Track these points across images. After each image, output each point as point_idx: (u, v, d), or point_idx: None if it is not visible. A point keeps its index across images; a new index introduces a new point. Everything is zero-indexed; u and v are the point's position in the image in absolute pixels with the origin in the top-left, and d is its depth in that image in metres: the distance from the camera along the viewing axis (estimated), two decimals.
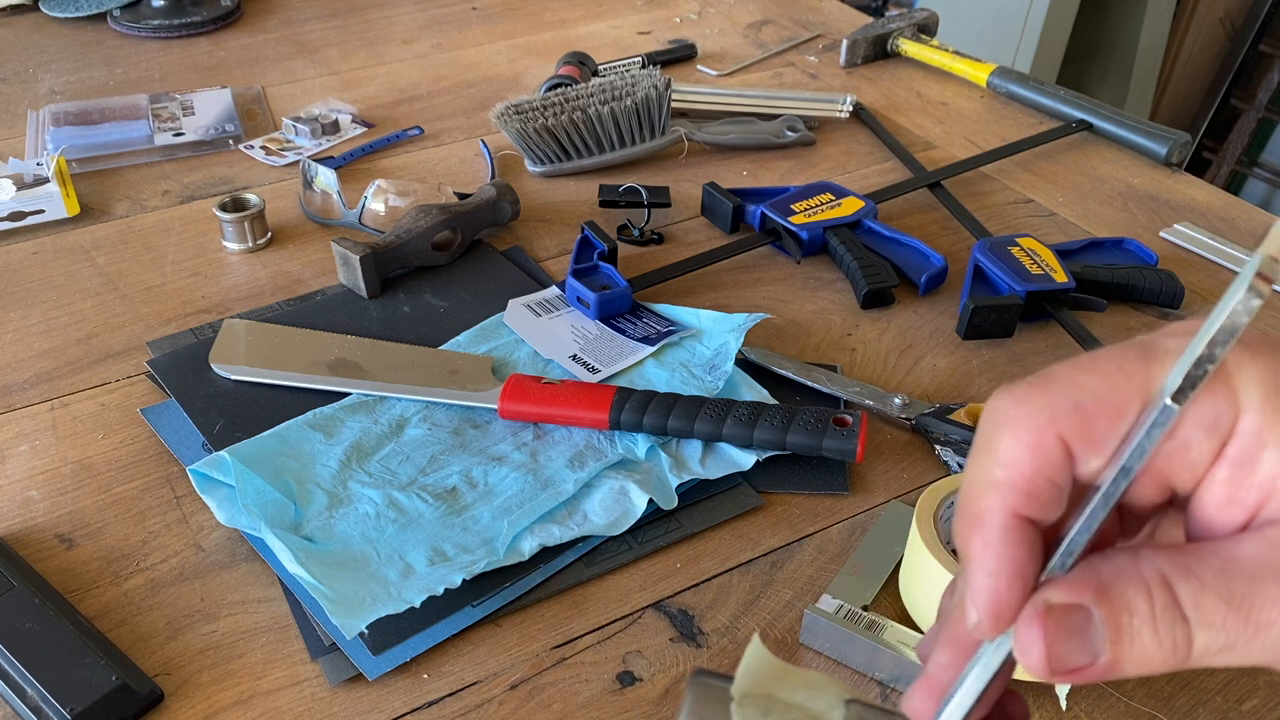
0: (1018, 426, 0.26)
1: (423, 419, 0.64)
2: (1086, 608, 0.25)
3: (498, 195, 0.82)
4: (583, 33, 1.23)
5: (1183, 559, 0.25)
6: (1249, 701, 0.50)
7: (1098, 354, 0.26)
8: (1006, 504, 0.26)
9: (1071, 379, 0.26)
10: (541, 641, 0.53)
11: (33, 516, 0.59)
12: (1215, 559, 0.24)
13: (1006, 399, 0.26)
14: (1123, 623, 0.24)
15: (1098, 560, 0.25)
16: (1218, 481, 0.25)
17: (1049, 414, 0.25)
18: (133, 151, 0.95)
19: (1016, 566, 0.26)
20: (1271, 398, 0.24)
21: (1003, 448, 0.26)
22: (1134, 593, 0.24)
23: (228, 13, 1.23)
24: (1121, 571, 0.25)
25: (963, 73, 1.13)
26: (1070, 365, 0.26)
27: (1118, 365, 0.26)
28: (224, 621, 0.53)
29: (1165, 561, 0.25)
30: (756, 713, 0.27)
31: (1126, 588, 0.24)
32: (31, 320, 0.74)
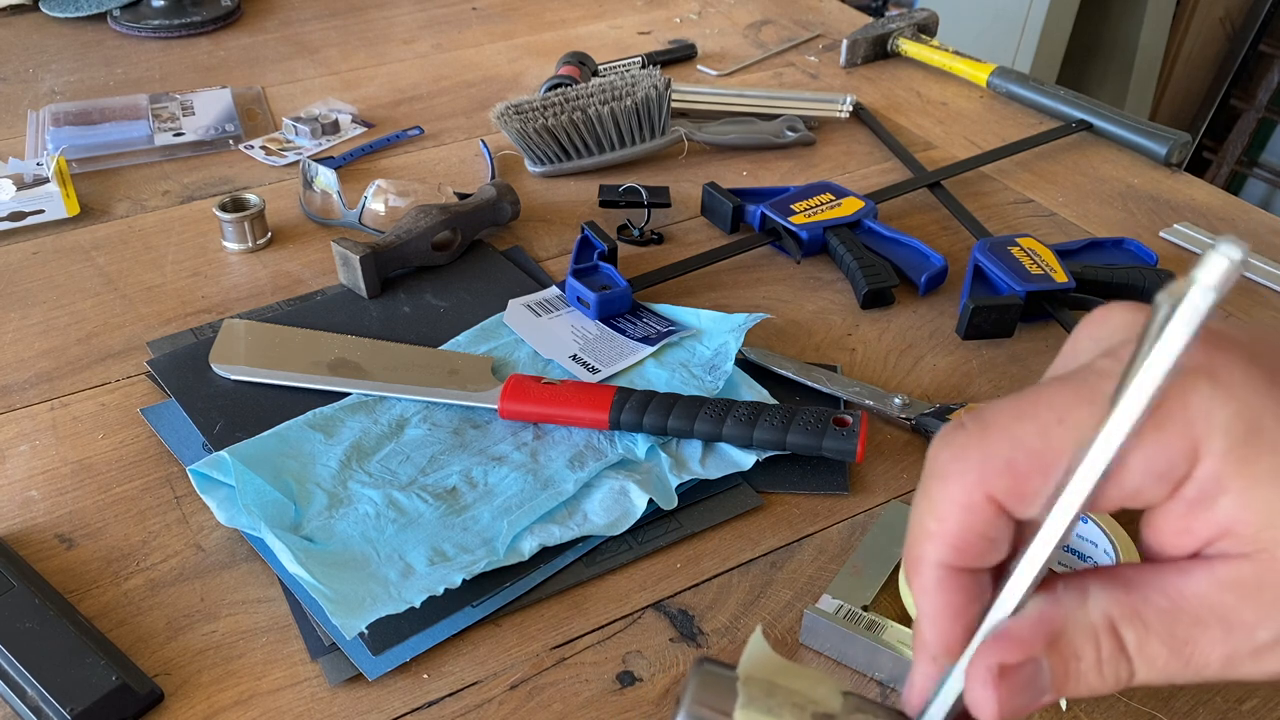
0: (950, 482, 0.26)
1: (423, 419, 0.64)
2: (1037, 660, 0.25)
3: (498, 195, 0.82)
4: (583, 33, 1.23)
5: (1129, 599, 0.25)
6: (1249, 702, 0.50)
7: (1040, 395, 0.26)
8: (938, 557, 0.27)
9: (1007, 430, 0.26)
10: (541, 641, 0.53)
11: (33, 516, 0.59)
12: (1162, 598, 0.25)
13: (944, 450, 0.27)
14: (1070, 669, 0.25)
15: (1046, 606, 0.26)
16: (1171, 514, 0.25)
17: (979, 473, 0.26)
18: (133, 151, 0.95)
19: (952, 610, 0.27)
20: (1237, 446, 0.24)
21: (936, 501, 0.27)
22: (1082, 641, 0.25)
23: (228, 13, 1.23)
24: (1070, 618, 0.26)
25: (963, 73, 1.13)
26: (1010, 410, 0.26)
27: (1056, 415, 0.25)
28: (224, 621, 0.53)
29: (1112, 603, 0.25)
30: (761, 693, 0.28)
31: (1075, 636, 0.25)
32: (31, 320, 0.74)
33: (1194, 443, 0.24)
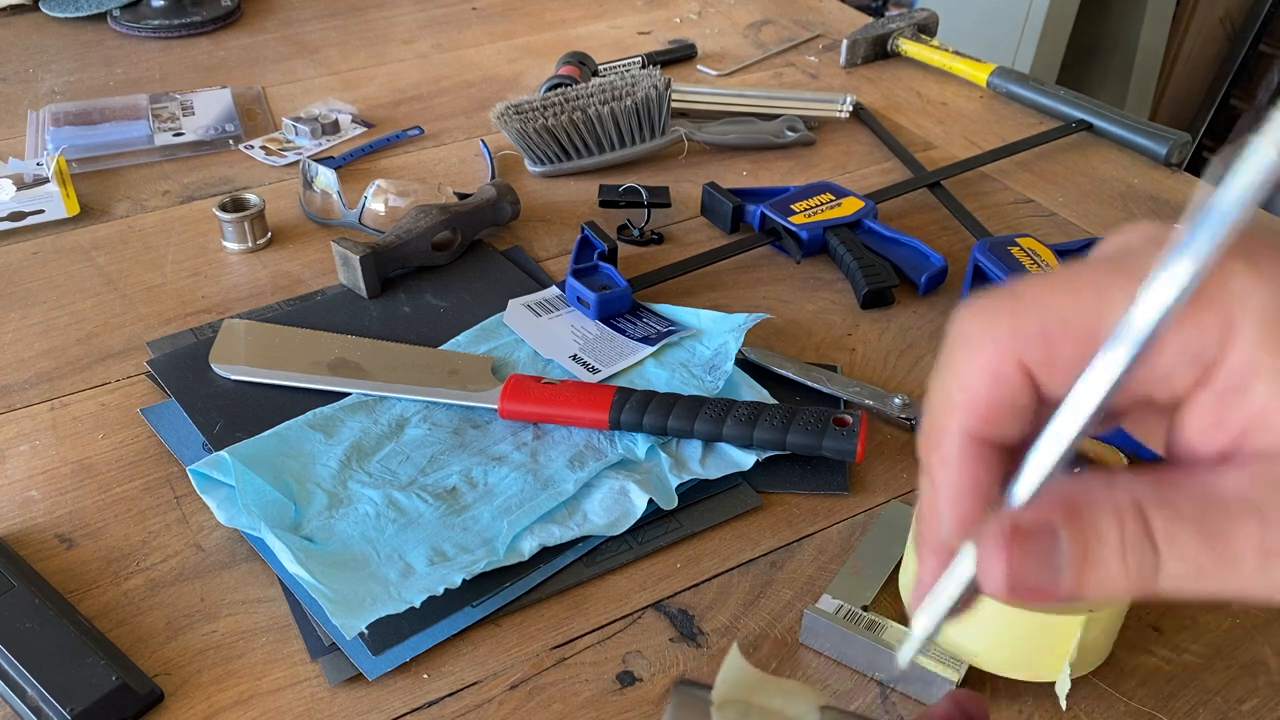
0: (978, 348, 0.25)
1: (423, 419, 0.64)
2: (1054, 530, 0.24)
3: (498, 195, 0.82)
4: (583, 33, 1.23)
5: (1159, 488, 0.24)
6: (1249, 702, 0.50)
7: (1079, 270, 0.25)
8: (963, 425, 0.26)
9: (1041, 299, 0.24)
10: (541, 641, 0.53)
11: (33, 516, 0.59)
12: (1194, 489, 0.23)
13: (971, 316, 0.25)
14: (1090, 548, 0.23)
15: (1070, 484, 0.24)
16: (1201, 406, 0.24)
17: (1011, 338, 0.24)
18: (133, 151, 0.95)
19: (974, 483, 0.26)
20: (1273, 332, 0.23)
21: (962, 368, 0.25)
22: (1105, 519, 0.24)
23: (228, 13, 1.23)
24: (1094, 496, 0.24)
25: (963, 73, 1.13)
26: (1045, 282, 0.25)
27: (1095, 287, 0.24)
28: (224, 621, 0.53)
29: (1142, 488, 0.24)
30: (735, 717, 0.27)
31: (1098, 513, 0.24)
32: (31, 320, 0.74)
33: (1229, 325, 0.23)
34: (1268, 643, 0.53)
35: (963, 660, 0.49)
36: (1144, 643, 0.53)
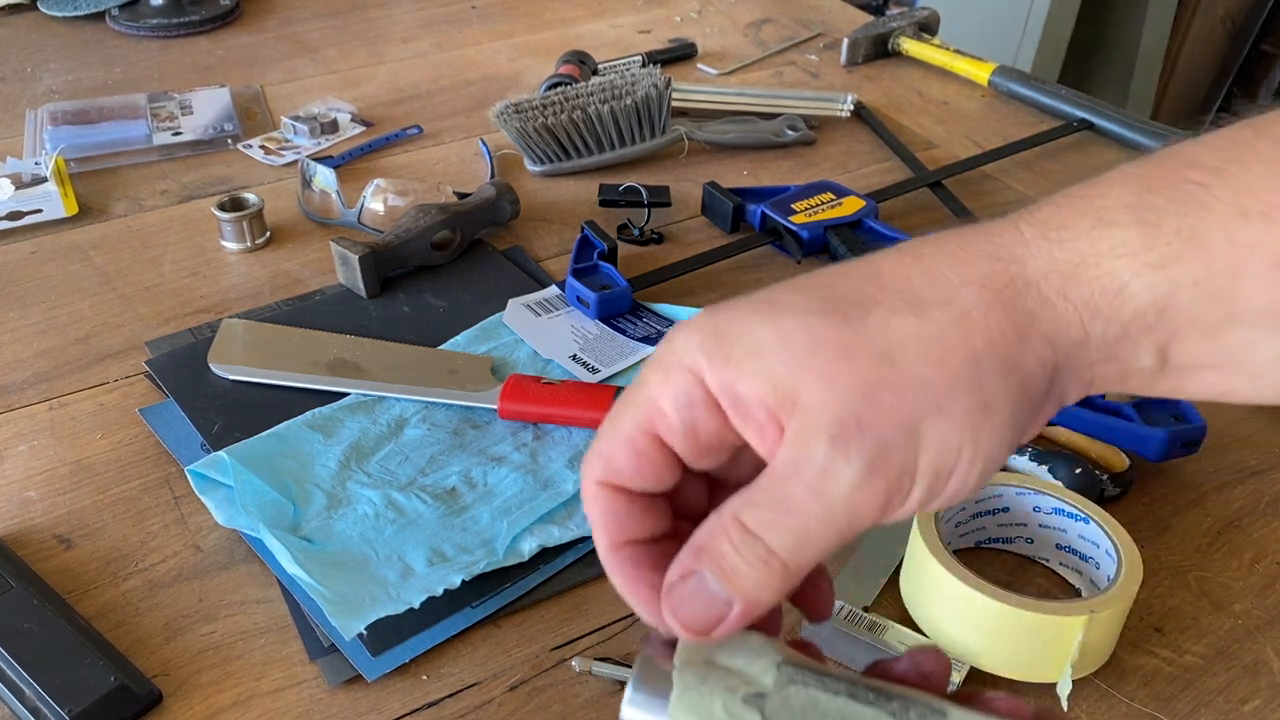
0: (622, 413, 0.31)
1: (422, 419, 0.64)
2: (696, 571, 0.29)
3: (497, 195, 0.82)
4: (582, 31, 1.23)
5: (745, 494, 0.29)
6: (1251, 703, 0.50)
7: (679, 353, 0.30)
8: (596, 477, 0.31)
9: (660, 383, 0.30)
10: (541, 643, 0.52)
11: (31, 517, 0.58)
12: (764, 479, 0.29)
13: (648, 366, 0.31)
14: (724, 567, 0.29)
15: (697, 532, 0.30)
16: (745, 431, 0.29)
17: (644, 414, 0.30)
18: (131, 151, 0.95)
19: (609, 515, 0.31)
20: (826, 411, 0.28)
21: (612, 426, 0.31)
22: (718, 540, 0.29)
23: (226, 12, 1.23)
24: (709, 529, 0.29)
25: (964, 72, 1.12)
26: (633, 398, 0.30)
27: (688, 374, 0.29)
28: (223, 622, 0.53)
29: (735, 502, 0.29)
30: (694, 681, 0.29)
31: (714, 539, 0.29)
32: (30, 320, 0.74)
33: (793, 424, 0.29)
34: (1270, 643, 0.53)
35: (965, 661, 0.49)
36: (1145, 643, 0.53)
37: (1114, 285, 0.28)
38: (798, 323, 0.28)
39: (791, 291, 0.30)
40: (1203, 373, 0.29)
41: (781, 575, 0.28)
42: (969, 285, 0.28)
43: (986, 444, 0.28)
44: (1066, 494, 0.54)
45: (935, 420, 0.28)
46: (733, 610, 0.29)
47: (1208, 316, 0.28)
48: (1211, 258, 0.27)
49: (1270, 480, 0.62)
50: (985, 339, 0.28)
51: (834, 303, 0.29)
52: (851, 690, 0.29)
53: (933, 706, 0.29)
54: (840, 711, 0.28)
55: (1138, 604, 0.54)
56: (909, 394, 0.27)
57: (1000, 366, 0.28)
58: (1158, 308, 0.28)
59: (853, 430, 0.27)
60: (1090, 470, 0.59)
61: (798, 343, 0.28)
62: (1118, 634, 0.51)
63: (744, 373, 0.28)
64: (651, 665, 0.29)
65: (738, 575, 0.28)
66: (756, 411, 0.29)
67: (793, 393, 0.28)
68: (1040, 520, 0.55)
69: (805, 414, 0.28)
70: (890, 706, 0.28)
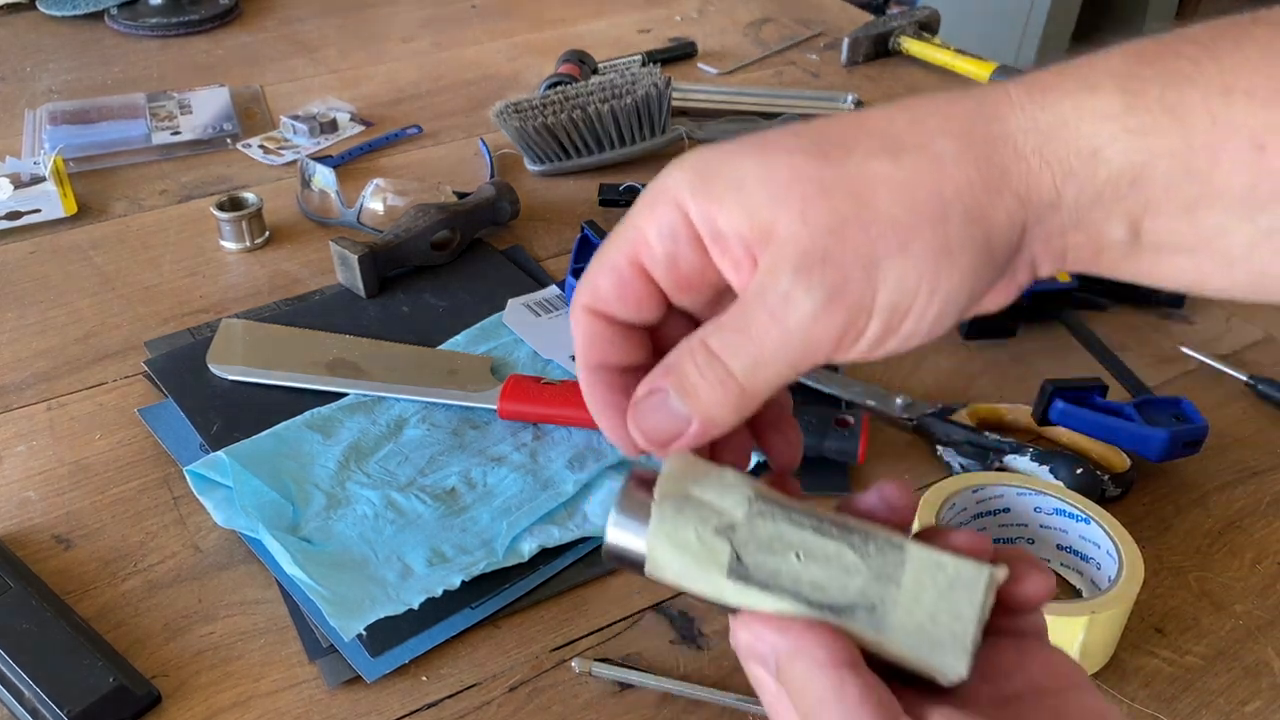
0: (613, 243, 0.32)
1: (421, 419, 0.64)
2: (661, 389, 0.31)
3: (497, 194, 0.82)
4: (582, 31, 1.23)
5: (717, 319, 0.30)
6: (1252, 704, 0.50)
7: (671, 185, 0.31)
8: (584, 303, 0.33)
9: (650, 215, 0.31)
10: (541, 643, 0.52)
11: (30, 517, 0.58)
12: (734, 305, 0.30)
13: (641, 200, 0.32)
14: (685, 385, 0.30)
15: (669, 354, 0.31)
16: (723, 265, 0.31)
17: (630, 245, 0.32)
18: (130, 150, 0.95)
19: (591, 340, 0.33)
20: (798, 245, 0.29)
21: (602, 256, 0.32)
22: (684, 360, 0.30)
23: (226, 11, 1.23)
24: (678, 350, 0.31)
25: (965, 71, 1.12)
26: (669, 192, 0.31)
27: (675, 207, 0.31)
28: (222, 623, 0.53)
29: (704, 328, 0.31)
30: (671, 511, 0.31)
31: (680, 359, 0.31)
32: (29, 320, 0.74)
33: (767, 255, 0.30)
34: (1271, 644, 0.53)
35: None
36: (1147, 644, 0.53)
37: (1090, 147, 0.28)
38: (783, 159, 0.29)
39: (783, 134, 0.31)
40: (1175, 255, 0.29)
41: (737, 396, 0.30)
42: (948, 136, 0.29)
43: (944, 287, 0.29)
44: (1067, 494, 0.54)
45: (896, 259, 0.28)
46: (691, 427, 0.31)
47: (1183, 192, 0.28)
48: (1191, 132, 0.27)
49: (1271, 480, 0.62)
50: (955, 188, 0.28)
51: (820, 144, 0.30)
52: (817, 525, 0.30)
53: (892, 541, 0.30)
54: (805, 543, 0.30)
55: (1139, 604, 0.53)
56: (875, 231, 0.28)
57: (966, 215, 0.28)
58: (1132, 175, 0.28)
59: (816, 262, 0.28)
60: (1091, 470, 0.59)
61: (779, 178, 0.29)
62: (1119, 635, 0.51)
63: (725, 206, 0.30)
64: (633, 496, 0.32)
65: (697, 394, 0.30)
66: (734, 245, 0.30)
67: (768, 225, 0.29)
68: (1041, 521, 0.55)
69: (777, 246, 0.29)
70: (852, 540, 0.30)
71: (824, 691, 0.28)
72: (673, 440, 0.31)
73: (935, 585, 0.29)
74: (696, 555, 0.30)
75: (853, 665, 0.28)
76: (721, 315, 0.30)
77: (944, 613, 0.29)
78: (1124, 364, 0.68)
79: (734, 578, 0.30)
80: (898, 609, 0.29)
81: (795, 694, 0.29)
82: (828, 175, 0.29)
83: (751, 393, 0.30)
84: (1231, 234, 0.28)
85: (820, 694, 0.28)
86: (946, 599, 0.29)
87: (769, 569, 0.30)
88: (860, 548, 0.30)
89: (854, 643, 0.29)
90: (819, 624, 0.29)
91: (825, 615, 0.29)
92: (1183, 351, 0.72)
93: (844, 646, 0.29)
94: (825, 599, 0.29)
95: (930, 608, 0.29)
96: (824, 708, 0.28)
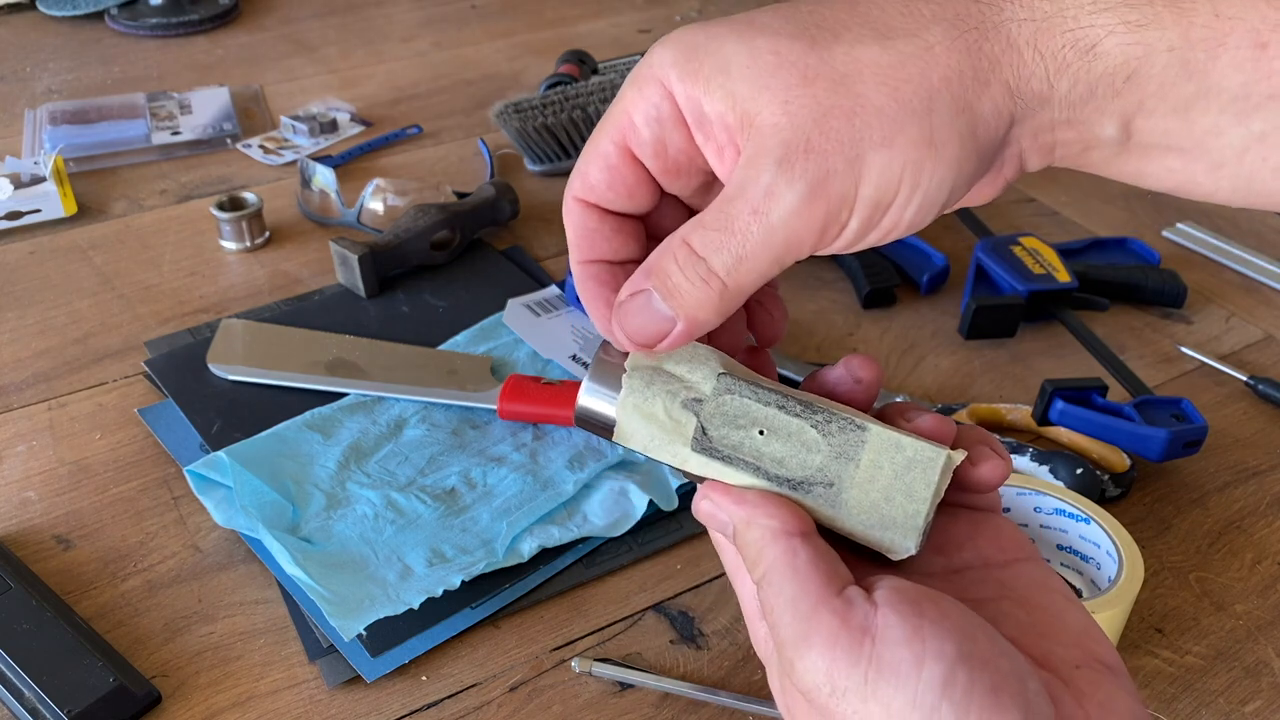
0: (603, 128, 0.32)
1: (421, 419, 0.64)
2: (644, 289, 0.30)
3: (497, 194, 0.82)
4: (582, 31, 1.23)
5: (699, 217, 0.30)
6: (1252, 704, 0.50)
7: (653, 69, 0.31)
8: (575, 193, 0.32)
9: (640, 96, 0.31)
10: (541, 643, 0.52)
11: (30, 517, 0.58)
12: (716, 203, 0.29)
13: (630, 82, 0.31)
14: (668, 285, 0.30)
15: (651, 255, 0.31)
16: (706, 151, 0.30)
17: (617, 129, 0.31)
18: (130, 150, 0.95)
19: (582, 230, 0.33)
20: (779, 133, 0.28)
21: (593, 142, 0.32)
22: (665, 259, 0.30)
23: (226, 11, 1.23)
24: (659, 250, 0.30)
25: None
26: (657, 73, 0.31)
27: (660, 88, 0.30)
28: (222, 623, 0.53)
29: (685, 227, 0.30)
30: (641, 384, 0.32)
31: (662, 259, 0.30)
32: (28, 320, 0.74)
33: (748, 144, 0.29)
34: (1271, 644, 0.53)
35: None
36: (1147, 644, 0.53)
37: (1087, 41, 0.27)
38: (768, 43, 0.29)
39: (772, 15, 0.30)
40: (1165, 155, 0.29)
41: (720, 294, 0.29)
42: (939, 22, 0.28)
43: (926, 181, 0.28)
44: (1068, 494, 0.54)
45: (880, 151, 0.28)
46: (676, 327, 0.30)
47: (1178, 90, 0.27)
48: (1191, 27, 0.27)
49: (1271, 481, 0.62)
50: (942, 76, 0.28)
51: (807, 28, 0.29)
52: (781, 402, 0.31)
53: (855, 421, 0.30)
54: (768, 419, 0.31)
55: (1139, 604, 0.53)
56: (859, 122, 0.28)
57: (953, 106, 0.28)
58: (1128, 70, 0.27)
59: (799, 153, 0.28)
60: (1091, 471, 0.59)
61: (764, 63, 0.28)
62: (1119, 635, 0.51)
63: (710, 89, 0.29)
64: (606, 365, 0.32)
65: (680, 293, 0.30)
66: (718, 131, 0.29)
67: (750, 113, 0.28)
68: (1041, 521, 0.55)
69: (759, 136, 0.28)
70: (815, 419, 0.31)
71: (775, 558, 0.29)
72: (659, 341, 0.31)
73: (893, 465, 0.30)
74: (663, 426, 0.31)
75: (803, 535, 0.29)
76: (703, 213, 0.30)
77: (899, 493, 0.30)
78: (1124, 364, 0.68)
79: (698, 449, 0.31)
80: (854, 487, 0.30)
81: (749, 560, 0.29)
82: (812, 62, 0.28)
83: (735, 290, 0.29)
84: (1223, 135, 0.28)
85: (772, 560, 0.29)
86: (902, 479, 0.30)
87: (732, 442, 0.31)
88: (822, 426, 0.30)
89: (809, 515, 0.30)
90: (775, 495, 0.30)
91: (783, 489, 0.30)
92: (1183, 351, 0.72)
93: (797, 517, 0.29)
94: (784, 473, 0.30)
95: (886, 487, 0.30)
96: (775, 572, 0.28)
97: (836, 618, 0.27)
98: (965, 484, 0.31)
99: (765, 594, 0.28)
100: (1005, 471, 0.31)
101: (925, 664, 0.25)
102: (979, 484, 0.31)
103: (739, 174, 0.29)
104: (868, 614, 0.27)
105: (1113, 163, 0.30)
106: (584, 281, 0.33)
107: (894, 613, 0.26)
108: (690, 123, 0.30)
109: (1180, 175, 0.29)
